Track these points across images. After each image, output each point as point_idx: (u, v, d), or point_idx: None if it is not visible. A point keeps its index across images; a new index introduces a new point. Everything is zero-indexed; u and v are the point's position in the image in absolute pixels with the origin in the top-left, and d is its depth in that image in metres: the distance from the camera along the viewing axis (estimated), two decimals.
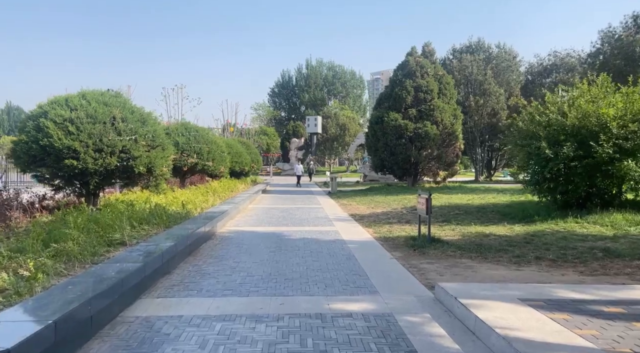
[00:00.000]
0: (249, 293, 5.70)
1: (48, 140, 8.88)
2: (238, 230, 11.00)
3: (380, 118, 24.78)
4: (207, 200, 13.58)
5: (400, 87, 24.82)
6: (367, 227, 11.61)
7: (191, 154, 16.87)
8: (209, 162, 17.40)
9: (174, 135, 16.89)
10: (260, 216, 13.97)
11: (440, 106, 24.40)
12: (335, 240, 9.63)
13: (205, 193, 15.29)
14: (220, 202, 14.55)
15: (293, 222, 12.70)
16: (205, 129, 18.30)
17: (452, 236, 9.83)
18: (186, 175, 18.23)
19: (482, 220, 12.13)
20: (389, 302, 5.35)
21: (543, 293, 5.17)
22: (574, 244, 8.41)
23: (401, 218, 13.31)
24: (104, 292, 4.37)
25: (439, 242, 8.89)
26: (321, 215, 14.31)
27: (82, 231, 6.56)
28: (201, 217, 10.33)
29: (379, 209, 15.86)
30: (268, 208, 16.54)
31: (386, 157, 24.62)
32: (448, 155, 25.04)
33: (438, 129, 24.11)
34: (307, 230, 11.16)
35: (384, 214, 14.40)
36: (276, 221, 12.84)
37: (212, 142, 17.93)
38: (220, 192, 16.99)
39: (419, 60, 25.37)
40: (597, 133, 10.87)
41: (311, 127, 60.16)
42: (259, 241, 9.48)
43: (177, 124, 17.62)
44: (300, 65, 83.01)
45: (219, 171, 18.37)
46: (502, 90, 32.15)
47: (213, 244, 9.15)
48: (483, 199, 17.61)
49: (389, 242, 9.48)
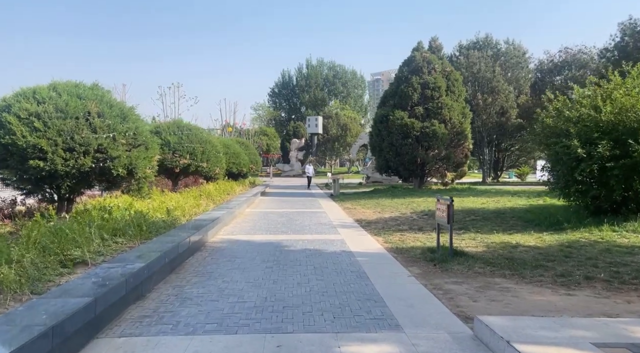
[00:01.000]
0: (238, 328, 4.52)
1: (10, 137, 7.74)
2: (232, 240, 9.82)
3: (385, 116, 23.58)
4: (198, 204, 12.41)
5: (406, 84, 23.61)
6: (376, 235, 10.43)
7: (184, 154, 15.70)
8: (203, 163, 16.23)
9: (165, 134, 15.74)
10: (258, 222, 12.79)
11: (448, 104, 23.20)
12: (342, 252, 8.45)
13: (198, 197, 14.12)
14: (214, 207, 13.38)
15: (293, 229, 11.52)
16: (199, 128, 17.14)
17: (475, 247, 8.65)
18: (179, 177, 17.07)
19: (504, 228, 10.94)
20: (417, 342, 4.17)
21: (620, 333, 3.98)
22: (622, 259, 7.22)
23: (412, 224, 12.13)
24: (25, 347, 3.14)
25: (462, 255, 7.70)
26: (324, 221, 13.13)
27: (35, 247, 5.36)
28: (189, 225, 9.15)
29: (386, 214, 14.68)
30: (266, 212, 15.36)
31: (391, 157, 23.41)
32: (457, 156, 23.82)
33: (446, 128, 22.91)
34: (309, 239, 9.98)
35: (393, 220, 13.22)
36: (275, 228, 11.66)
37: (206, 141, 16.76)
38: (215, 196, 15.82)
39: (426, 55, 24.17)
40: (636, 130, 9.68)
41: (312, 128, 58.97)
42: (254, 253, 8.30)
43: (169, 122, 16.45)
44: (300, 65, 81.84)
45: (214, 173, 17.20)
46: (512, 87, 30.92)
47: (201, 257, 7.97)
48: (498, 203, 16.41)
49: (403, 254, 8.30)
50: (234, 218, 13.18)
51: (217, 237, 10.18)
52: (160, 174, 16.51)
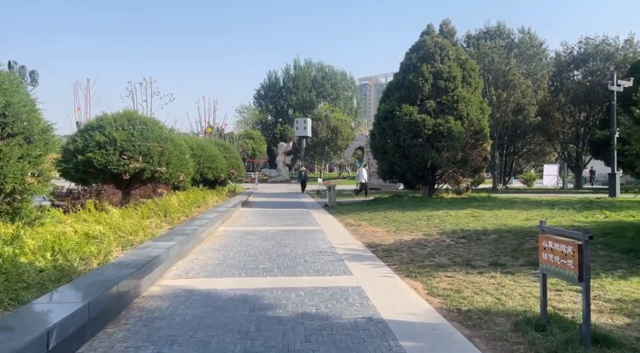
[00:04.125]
0: None
1: None
2: (182, 289, 6.12)
3: (390, 112, 19.95)
4: (143, 227, 8.63)
5: (416, 74, 20.03)
6: (410, 278, 6.84)
7: (135, 155, 11.91)
8: (161, 167, 12.45)
9: (109, 129, 11.94)
10: (231, 249, 9.08)
11: (465, 97, 19.69)
12: (367, 322, 4.84)
13: (147, 215, 10.36)
14: (167, 230, 9.63)
15: (282, 263, 7.84)
16: (159, 122, 13.34)
17: (598, 311, 5.06)
18: (131, 186, 13.25)
19: (604, 264, 7.39)
20: None
21: None
22: None
23: (452, 255, 8.53)
24: None
25: (607, 342, 4.07)
26: (324, 247, 9.48)
27: None
28: (95, 275, 5.39)
29: (405, 235, 11.07)
30: (245, 232, 11.65)
31: (397, 160, 19.78)
32: (474, 159, 20.30)
33: (463, 125, 19.38)
34: (307, 287, 6.33)
35: (419, 245, 9.62)
36: (254, 262, 7.97)
37: (166, 139, 12.99)
38: (177, 211, 12.06)
39: (438, 40, 20.65)
40: None
41: (300, 130, 55.10)
42: (212, 330, 4.61)
43: (116, 114, 12.65)
44: (287, 65, 78.31)
45: (176, 179, 13.40)
46: (530, 81, 27.58)
47: (110, 341, 4.26)
48: (553, 218, 12.72)
49: (477, 327, 4.72)
50: (198, 243, 9.46)
51: (161, 282, 6.49)
52: (105, 182, 12.70)
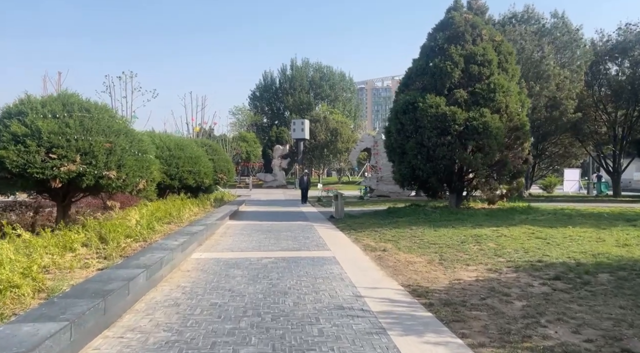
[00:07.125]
0: None
1: None
2: None
3: (410, 104, 16.47)
4: (25, 281, 5.08)
5: (442, 57, 16.58)
6: None
7: (69, 153, 8.37)
8: (110, 170, 8.89)
9: (31, 116, 8.39)
10: (197, 306, 5.54)
11: (503, 85, 16.25)
12: None
13: (77, 241, 6.80)
14: (99, 269, 6.09)
15: (278, 340, 4.29)
16: (107, 109, 9.72)
17: None
18: (70, 196, 9.67)
19: None
20: None
21: None
22: None
23: (566, 317, 5.06)
24: None
25: None
26: (346, 296, 5.98)
27: None
28: None
29: (459, 269, 7.58)
30: (227, 263, 8.11)
31: (419, 163, 16.28)
32: (514, 161, 16.84)
33: (501, 120, 15.93)
34: None
35: (495, 292, 6.12)
36: (230, 334, 4.41)
37: (119, 132, 9.43)
38: (126, 236, 8.50)
39: (469, 17, 17.22)
40: None
41: (297, 132, 51.48)
42: None
43: (46, 97, 9.09)
44: (284, 66, 75.01)
45: (134, 187, 9.80)
46: (567, 72, 24.18)
47: None
48: None
49: None
50: (151, 289, 5.92)
51: None
52: (27, 190, 9.15)
